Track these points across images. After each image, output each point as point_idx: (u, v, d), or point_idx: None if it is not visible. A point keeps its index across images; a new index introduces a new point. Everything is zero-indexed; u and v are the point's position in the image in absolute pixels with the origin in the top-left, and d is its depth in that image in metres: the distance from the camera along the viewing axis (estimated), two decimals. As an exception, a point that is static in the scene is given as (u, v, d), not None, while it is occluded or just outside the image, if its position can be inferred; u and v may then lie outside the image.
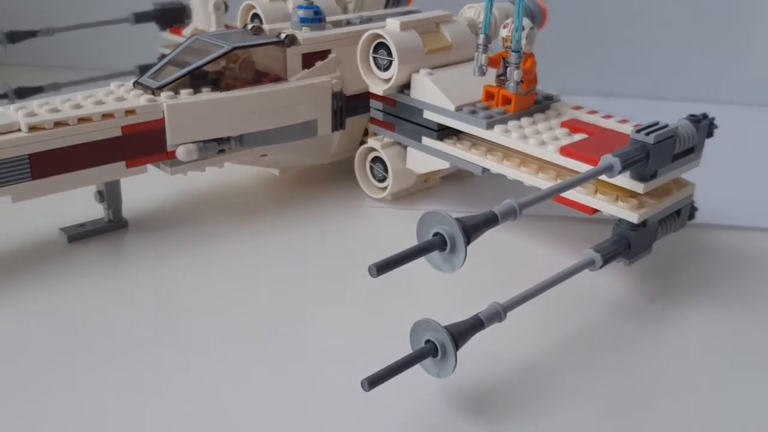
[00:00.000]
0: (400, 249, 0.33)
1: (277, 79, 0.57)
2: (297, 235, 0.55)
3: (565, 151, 0.47)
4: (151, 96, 0.51)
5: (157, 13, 0.81)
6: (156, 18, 0.81)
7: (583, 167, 0.46)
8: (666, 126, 0.44)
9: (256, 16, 0.67)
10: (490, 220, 0.34)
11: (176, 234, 0.54)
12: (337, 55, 0.59)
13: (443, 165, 0.56)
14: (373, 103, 0.60)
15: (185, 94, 0.52)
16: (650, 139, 0.42)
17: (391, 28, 0.55)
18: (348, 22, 0.65)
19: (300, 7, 0.59)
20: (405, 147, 0.58)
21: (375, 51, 0.56)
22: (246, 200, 0.61)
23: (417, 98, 0.55)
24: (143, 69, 0.82)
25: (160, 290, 0.48)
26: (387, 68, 0.56)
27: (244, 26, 0.60)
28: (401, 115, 0.57)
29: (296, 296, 0.47)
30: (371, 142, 0.59)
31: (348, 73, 0.59)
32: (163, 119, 0.51)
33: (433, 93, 0.54)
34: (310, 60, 0.58)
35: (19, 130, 0.46)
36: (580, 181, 0.40)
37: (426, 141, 0.56)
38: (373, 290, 0.45)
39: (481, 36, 0.52)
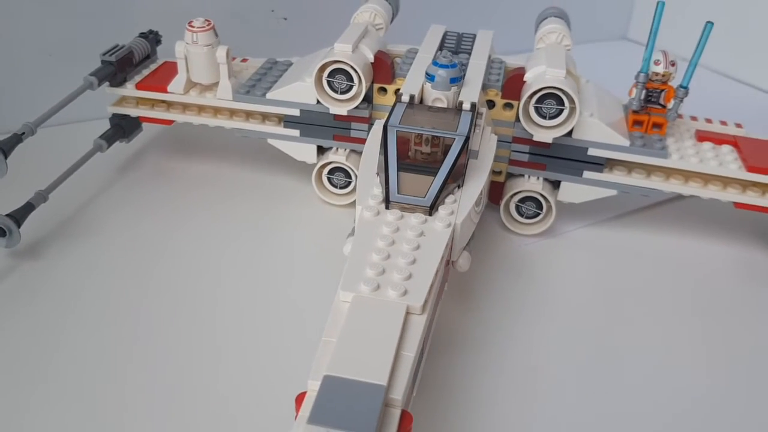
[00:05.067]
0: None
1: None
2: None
3: (753, 168, 0.57)
4: (429, 216, 0.46)
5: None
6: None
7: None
8: None
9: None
10: None
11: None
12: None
13: (606, 194, 0.61)
14: (514, 146, 0.60)
15: (450, 202, 0.47)
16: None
17: (558, 77, 0.56)
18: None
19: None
20: (553, 181, 0.62)
21: (539, 101, 0.57)
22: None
23: (581, 138, 0.59)
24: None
25: None
26: (554, 116, 0.57)
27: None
28: (557, 155, 0.60)
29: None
30: (527, 184, 0.61)
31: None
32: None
33: (603, 132, 0.58)
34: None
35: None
36: None
37: (590, 175, 0.60)
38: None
39: (642, 75, 0.58)
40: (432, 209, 0.46)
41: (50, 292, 0.53)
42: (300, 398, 0.34)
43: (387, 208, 0.46)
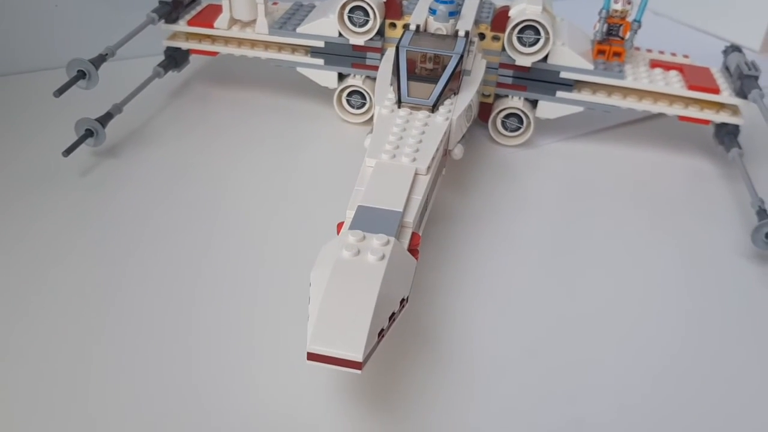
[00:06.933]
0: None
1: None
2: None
3: (692, 87, 0.71)
4: (432, 113, 0.59)
5: (169, 6, 0.76)
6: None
7: (706, 96, 0.71)
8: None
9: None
10: None
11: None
12: (476, 38, 0.71)
13: (575, 110, 0.74)
14: (501, 71, 0.74)
15: (448, 104, 0.61)
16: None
17: (536, 12, 0.69)
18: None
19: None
20: (532, 101, 0.75)
21: (520, 32, 0.70)
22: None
23: (554, 63, 0.72)
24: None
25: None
26: (532, 44, 0.70)
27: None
28: (535, 78, 0.73)
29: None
30: (510, 102, 0.74)
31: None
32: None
33: (572, 58, 0.71)
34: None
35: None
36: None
37: (562, 94, 0.73)
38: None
39: (604, 11, 0.71)
40: (434, 108, 0.60)
41: (123, 183, 0.66)
42: (340, 225, 0.48)
43: (399, 107, 0.60)
